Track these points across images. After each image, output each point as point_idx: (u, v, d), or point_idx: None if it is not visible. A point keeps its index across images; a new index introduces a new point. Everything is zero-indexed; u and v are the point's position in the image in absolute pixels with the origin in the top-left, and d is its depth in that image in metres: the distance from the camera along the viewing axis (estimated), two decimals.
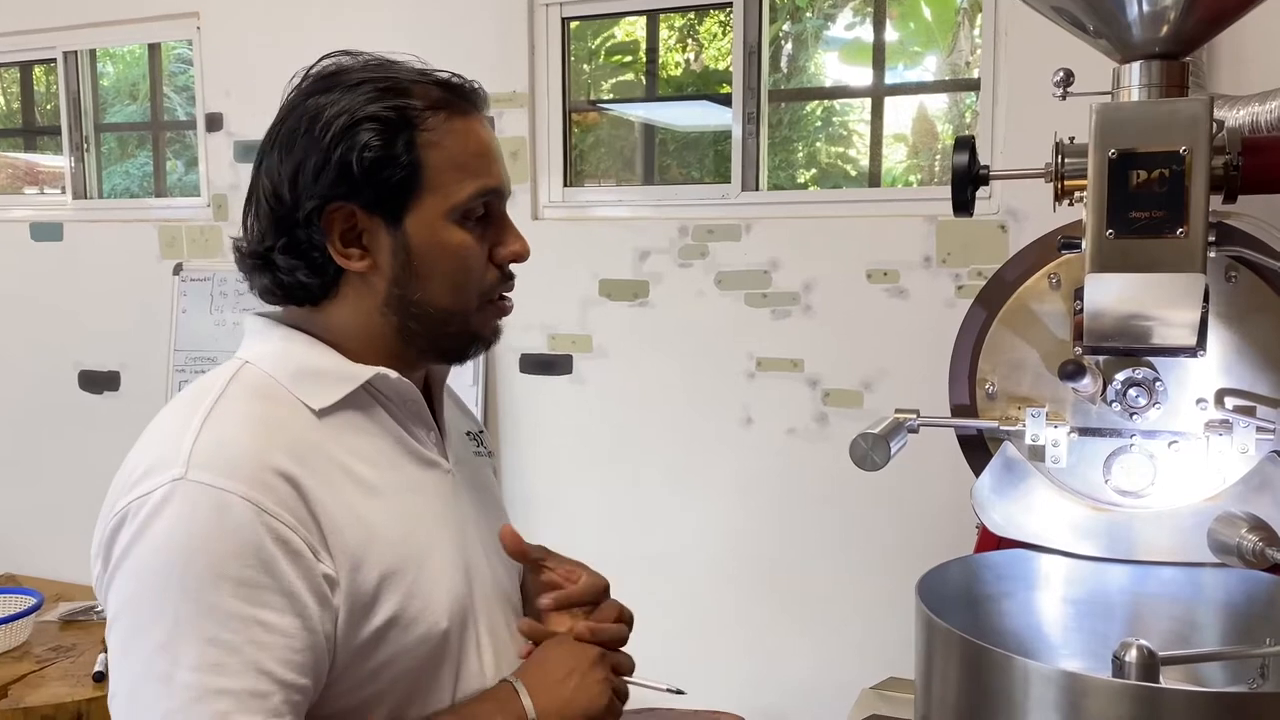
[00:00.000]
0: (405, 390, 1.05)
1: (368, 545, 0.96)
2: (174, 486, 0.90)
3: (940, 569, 1.44)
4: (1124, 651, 1.19)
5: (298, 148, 0.99)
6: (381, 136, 0.97)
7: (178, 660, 0.86)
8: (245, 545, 0.89)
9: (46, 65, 3.81)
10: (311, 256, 1.00)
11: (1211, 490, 1.45)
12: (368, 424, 1.02)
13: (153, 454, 0.94)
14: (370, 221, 0.99)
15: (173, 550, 0.88)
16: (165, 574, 0.88)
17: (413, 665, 0.99)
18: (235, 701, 0.86)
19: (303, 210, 0.98)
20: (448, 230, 1.02)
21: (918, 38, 3.18)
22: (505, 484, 3.01)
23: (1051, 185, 1.41)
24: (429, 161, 0.99)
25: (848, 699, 2.02)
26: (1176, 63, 1.34)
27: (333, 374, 1.01)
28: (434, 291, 1.02)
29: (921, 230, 2.52)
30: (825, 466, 2.62)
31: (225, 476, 0.90)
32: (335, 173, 0.97)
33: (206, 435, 0.93)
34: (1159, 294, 1.31)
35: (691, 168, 3.48)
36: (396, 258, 1.00)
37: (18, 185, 4.04)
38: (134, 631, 0.89)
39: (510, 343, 2.97)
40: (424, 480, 1.06)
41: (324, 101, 1.00)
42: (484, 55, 2.93)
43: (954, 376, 1.59)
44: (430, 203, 1.00)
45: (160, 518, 0.89)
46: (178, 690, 0.86)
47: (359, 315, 1.03)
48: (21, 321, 3.65)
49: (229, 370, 1.01)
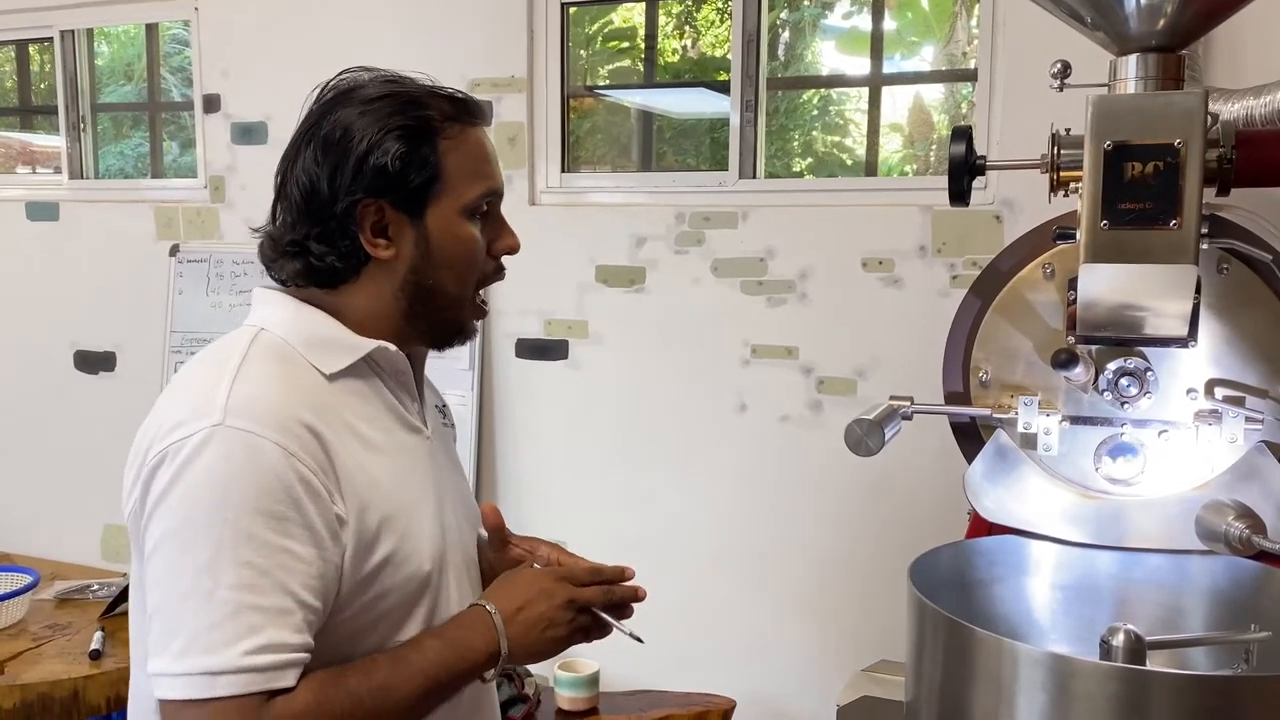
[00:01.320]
0: (399, 363, 1.19)
1: (371, 493, 1.10)
2: (213, 431, 1.03)
3: (932, 554, 1.46)
4: (1112, 636, 1.22)
5: (334, 152, 1.13)
6: (408, 143, 1.13)
7: (219, 579, 1.00)
8: (277, 483, 1.03)
9: (42, 45, 3.80)
10: (343, 245, 1.15)
11: (1200, 479, 1.47)
12: (367, 390, 1.17)
13: (187, 405, 1.06)
14: (396, 216, 1.14)
15: (215, 485, 1.01)
16: (209, 505, 1.01)
17: (400, 600, 1.14)
18: (265, 616, 1.01)
19: (340, 205, 1.13)
20: (460, 224, 1.17)
21: (915, 27, 3.19)
22: (500, 468, 3.03)
23: (1048, 176, 1.42)
24: (448, 165, 1.15)
25: (839, 681, 2.04)
26: (1173, 56, 1.36)
27: (341, 343, 1.15)
28: (445, 278, 1.18)
29: (917, 220, 2.54)
30: (818, 453, 2.64)
31: (259, 424, 1.04)
32: (371, 175, 1.12)
33: (239, 389, 1.06)
34: (1152, 285, 1.33)
35: (687, 155, 3.49)
36: (418, 248, 1.16)
37: (11, 165, 4.03)
38: (179, 554, 1.01)
39: (506, 328, 2.98)
40: (410, 443, 1.21)
41: (354, 113, 1.14)
42: (483, 40, 2.93)
43: (948, 364, 1.61)
44: (447, 200, 1.16)
45: (202, 457, 1.02)
46: (218, 605, 0.99)
47: (373, 297, 1.18)
48: (17, 301, 3.65)
49: (248, 335, 1.15)
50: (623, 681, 2.61)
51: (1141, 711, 1.14)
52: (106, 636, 2.55)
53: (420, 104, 1.15)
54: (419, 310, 1.18)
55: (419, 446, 1.22)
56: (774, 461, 2.72)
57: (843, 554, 2.66)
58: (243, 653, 0.99)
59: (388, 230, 1.15)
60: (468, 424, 2.99)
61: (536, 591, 1.18)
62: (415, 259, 1.16)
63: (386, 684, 1.07)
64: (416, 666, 1.10)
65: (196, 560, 1.01)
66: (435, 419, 1.31)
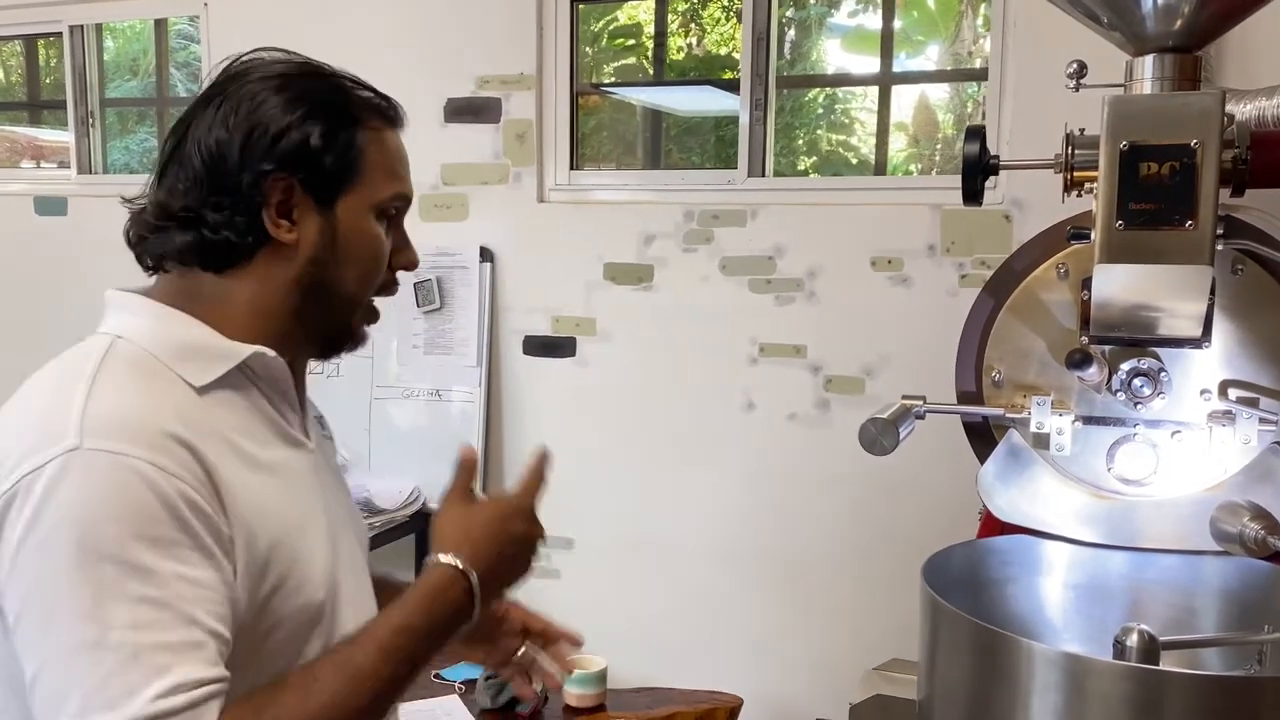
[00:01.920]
0: (278, 370, 1.08)
1: (257, 515, 0.98)
2: (70, 457, 0.89)
3: (944, 553, 1.46)
4: (1125, 636, 1.21)
5: (249, 119, 1.03)
6: (331, 124, 1.05)
7: (108, 624, 0.86)
8: (157, 505, 0.90)
9: (48, 39, 3.80)
10: (241, 220, 1.03)
11: (1213, 480, 1.47)
12: (243, 402, 1.05)
13: (31, 433, 0.92)
14: (305, 199, 1.05)
15: (83, 519, 0.88)
16: (79, 543, 0.87)
17: (291, 633, 1.02)
18: (172, 654, 0.87)
19: (247, 176, 1.03)
20: (370, 222, 1.09)
21: (920, 26, 3.19)
22: (507, 465, 3.03)
23: (1060, 176, 1.42)
24: (369, 156, 1.07)
25: (846, 679, 2.05)
26: (1189, 56, 1.36)
27: (211, 350, 1.03)
28: (346, 276, 1.08)
29: (926, 219, 2.54)
30: (826, 452, 2.64)
31: (125, 442, 0.90)
32: (287, 150, 1.03)
33: (95, 405, 0.93)
34: (1166, 285, 1.33)
35: (692, 152, 3.49)
36: (322, 237, 1.06)
37: (18, 159, 4.04)
38: (52, 609, 0.88)
39: (514, 325, 2.98)
40: (292, 459, 1.09)
41: (273, 85, 1.06)
42: (492, 37, 2.93)
43: (961, 364, 1.61)
44: (361, 193, 1.07)
45: (61, 489, 0.89)
46: (112, 652, 0.86)
47: (264, 287, 1.06)
48: (26, 295, 3.65)
49: (100, 345, 1.01)
50: (630, 678, 2.61)
51: (1156, 712, 1.14)
52: None
53: (344, 91, 1.08)
54: (312, 308, 1.08)
55: (302, 461, 1.10)
56: (781, 460, 2.72)
57: (850, 552, 2.66)
58: (152, 698, 0.85)
59: (293, 213, 1.05)
60: (475, 421, 2.99)
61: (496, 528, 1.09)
62: (317, 249, 1.06)
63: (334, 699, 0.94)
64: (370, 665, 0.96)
65: (78, 608, 0.86)
66: (315, 430, 1.19)
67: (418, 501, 3.01)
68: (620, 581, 2.88)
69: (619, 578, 2.89)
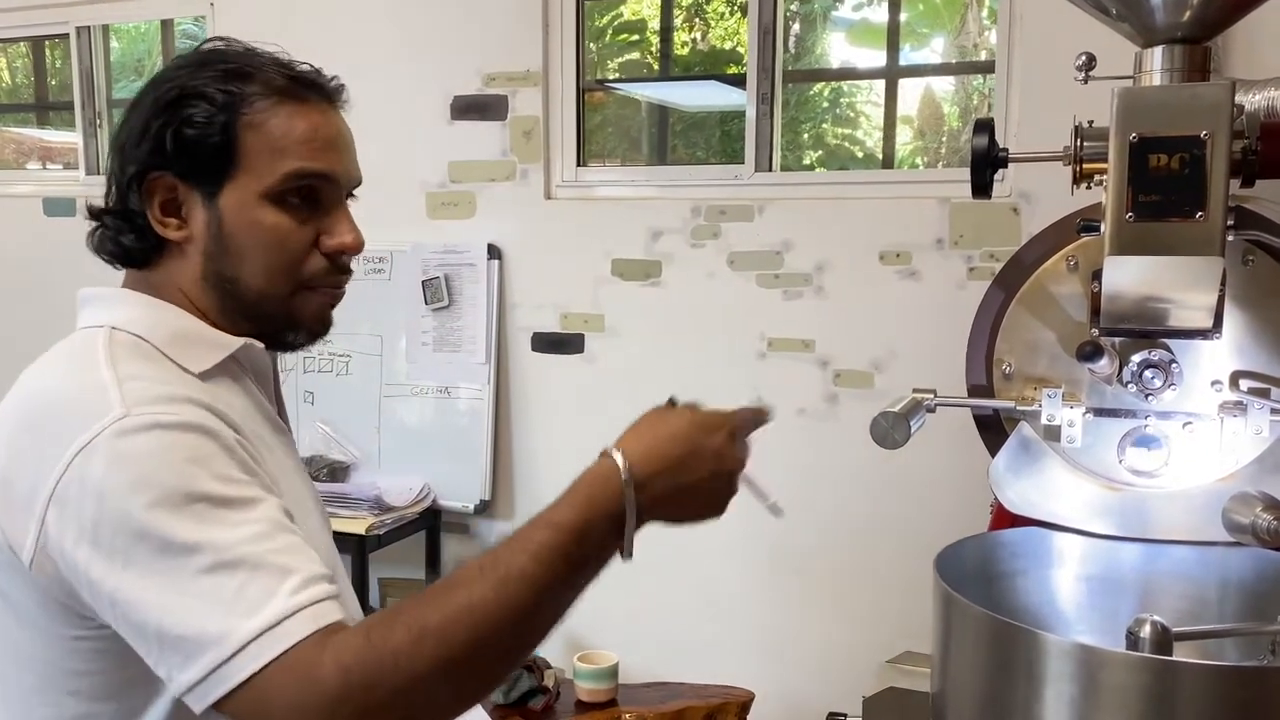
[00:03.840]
0: (262, 362, 1.10)
1: (274, 482, 0.99)
2: (122, 424, 0.89)
3: (956, 546, 1.46)
4: (1138, 627, 1.21)
5: (135, 115, 1.04)
6: (203, 114, 1.01)
7: (220, 547, 0.86)
8: (219, 449, 0.92)
9: (54, 41, 3.81)
10: (136, 220, 1.04)
11: (1225, 471, 1.47)
12: (236, 388, 1.06)
13: (64, 418, 0.92)
14: (188, 193, 1.03)
15: (158, 469, 0.88)
16: (162, 490, 0.87)
17: None
18: (291, 555, 0.89)
19: (130, 174, 1.03)
20: (261, 210, 1.03)
21: (925, 19, 3.19)
22: (516, 461, 3.04)
23: (1070, 168, 1.42)
24: (245, 142, 1.02)
25: (857, 673, 2.05)
26: (1199, 47, 1.35)
27: (205, 340, 1.04)
28: (247, 270, 1.04)
29: (934, 212, 2.54)
30: (835, 446, 2.64)
31: (172, 405, 0.92)
32: (153, 142, 1.01)
33: (128, 381, 0.93)
34: (1177, 277, 1.32)
35: (697, 148, 3.49)
36: (210, 231, 1.03)
37: (24, 161, 4.05)
38: (158, 555, 0.86)
39: (522, 321, 2.99)
40: (281, 443, 1.10)
41: (170, 76, 1.04)
42: (498, 34, 2.93)
43: (971, 357, 1.61)
44: (244, 182, 1.02)
45: (124, 451, 0.88)
46: (234, 568, 0.86)
47: (181, 284, 1.06)
48: (35, 296, 3.66)
49: (98, 336, 1.00)
50: (641, 673, 2.62)
51: (1170, 702, 1.14)
52: None
53: (240, 76, 1.02)
54: (227, 303, 1.05)
55: (288, 447, 1.12)
56: (790, 454, 2.72)
57: (860, 546, 2.67)
58: (289, 593, 0.86)
59: (180, 209, 1.03)
60: (483, 417, 3.00)
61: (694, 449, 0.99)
62: (209, 244, 1.03)
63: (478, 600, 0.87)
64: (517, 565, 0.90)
65: (181, 546, 0.86)
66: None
67: (427, 498, 3.02)
68: (631, 576, 2.88)
69: (630, 572, 2.89)
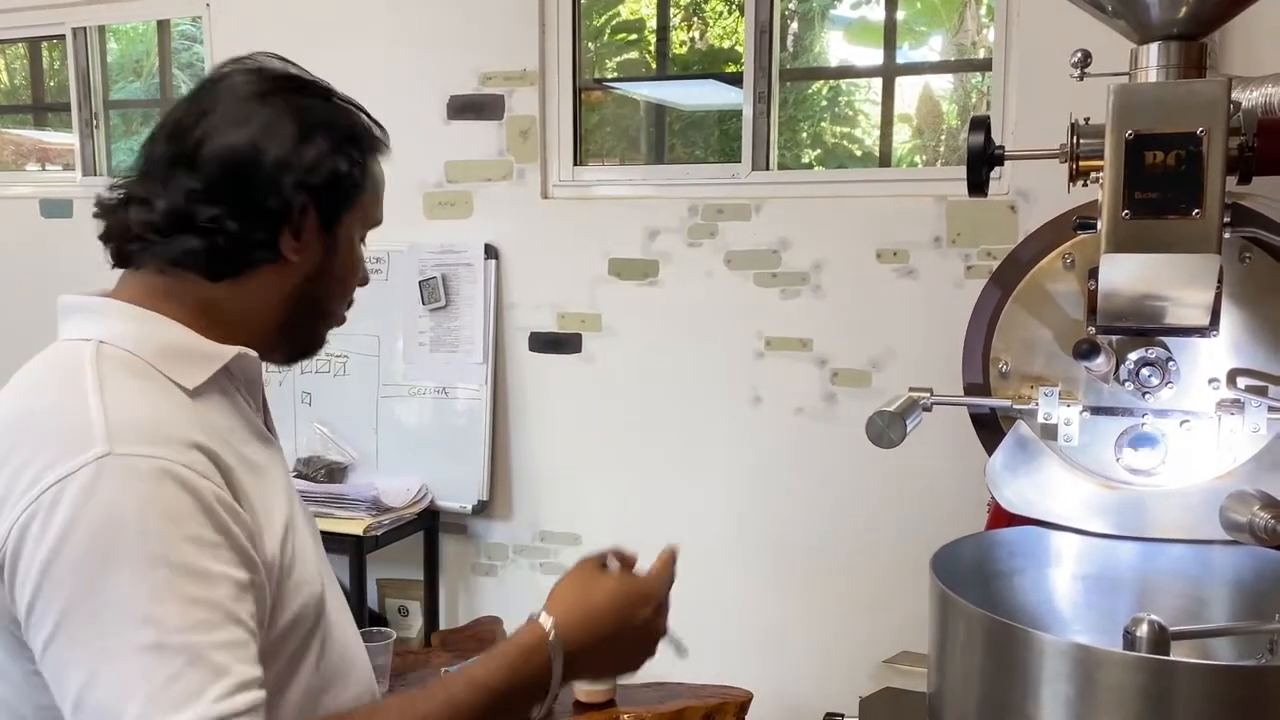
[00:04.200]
0: (254, 370, 1.09)
1: (264, 512, 0.98)
2: (103, 463, 0.87)
3: (953, 545, 1.46)
4: (1135, 626, 1.21)
5: (291, 134, 1.04)
6: (359, 151, 1.09)
7: (165, 626, 0.85)
8: (198, 508, 0.89)
9: (51, 42, 3.80)
10: (259, 234, 1.04)
11: (1222, 469, 1.47)
12: (226, 403, 1.05)
13: (47, 443, 0.90)
14: (313, 220, 1.07)
15: (128, 521, 0.86)
16: (127, 546, 0.85)
17: (303, 630, 1.02)
18: (228, 654, 0.86)
19: (277, 194, 1.03)
20: (356, 245, 1.14)
21: (923, 17, 3.18)
22: (514, 462, 3.03)
23: (1066, 166, 1.42)
24: (370, 183, 1.11)
25: (855, 672, 2.05)
26: (1195, 43, 1.35)
27: (197, 352, 1.02)
28: (334, 292, 1.13)
29: (931, 210, 2.53)
30: (833, 445, 2.64)
31: (157, 445, 0.90)
32: (322, 175, 1.05)
33: (115, 411, 0.91)
34: (1174, 274, 1.32)
35: (695, 147, 3.48)
36: (320, 256, 1.09)
37: (22, 162, 4.04)
38: (102, 614, 0.85)
39: (519, 321, 2.98)
40: (271, 457, 1.09)
41: (310, 104, 1.07)
42: (495, 32, 2.93)
43: (968, 355, 1.61)
44: (356, 215, 1.11)
45: (99, 494, 0.86)
46: (171, 655, 0.84)
47: (256, 298, 1.07)
48: (33, 297, 3.65)
49: (85, 351, 0.99)
50: (639, 674, 2.61)
51: (1167, 702, 1.14)
52: None
53: (357, 116, 1.11)
54: (297, 320, 1.10)
55: (276, 459, 1.11)
56: (788, 454, 2.72)
57: (858, 546, 2.66)
58: (215, 698, 0.84)
59: (301, 233, 1.06)
60: (481, 418, 2.99)
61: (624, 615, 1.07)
62: (313, 267, 1.08)
63: None
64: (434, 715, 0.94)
65: (133, 611, 0.84)
66: None
67: (425, 499, 3.01)
68: None
69: None
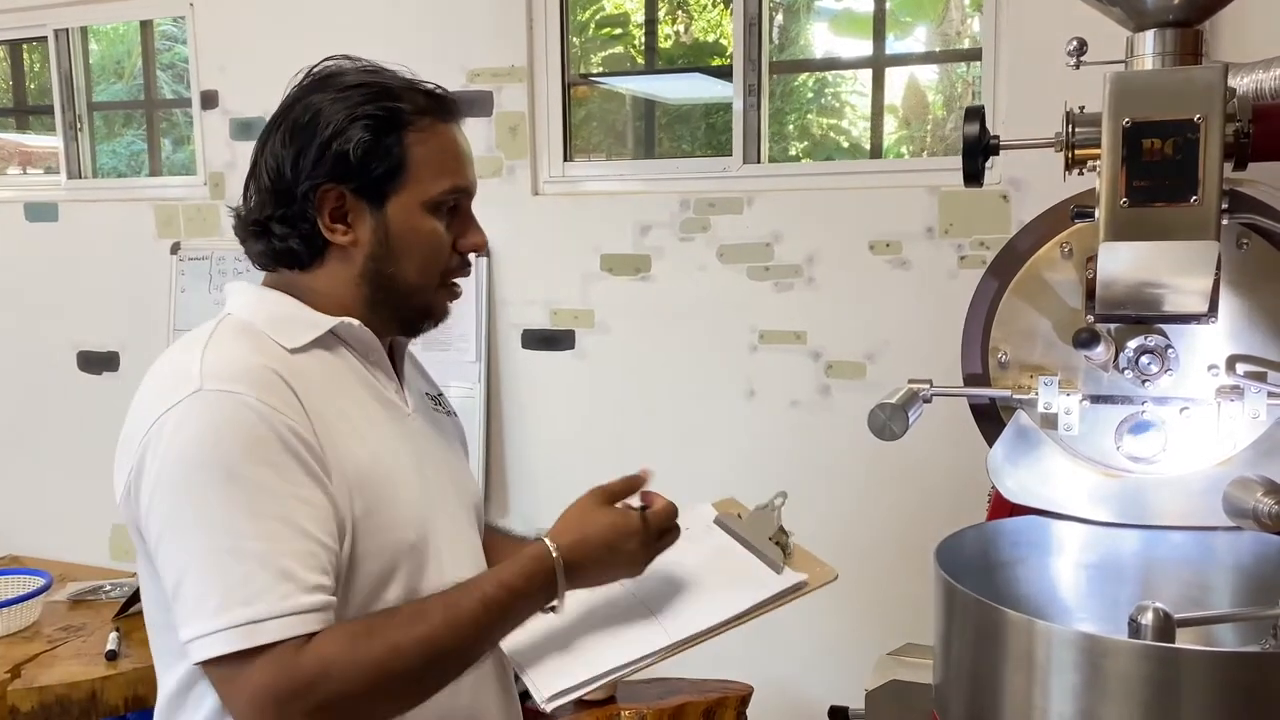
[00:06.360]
0: (368, 339, 1.22)
1: (345, 456, 1.12)
2: (194, 397, 1.06)
3: (956, 536, 1.45)
4: (1140, 614, 1.21)
5: (301, 136, 1.16)
6: (373, 133, 1.15)
7: (241, 534, 1.02)
8: (270, 434, 1.05)
9: (32, 44, 3.77)
10: (303, 228, 1.18)
11: (1222, 455, 1.46)
12: (337, 363, 1.20)
13: (164, 386, 1.09)
14: (356, 203, 1.17)
15: (209, 444, 1.04)
16: (209, 466, 1.03)
17: (379, 569, 1.15)
18: (295, 561, 1.03)
19: (300, 189, 1.16)
20: (421, 218, 1.19)
21: (908, 7, 3.17)
22: (508, 459, 3.02)
23: (1061, 155, 1.41)
24: (413, 157, 1.17)
25: (864, 665, 2.04)
26: (1190, 30, 1.34)
27: (302, 320, 1.19)
28: (405, 268, 1.20)
29: (923, 201, 2.53)
30: (828, 438, 2.64)
31: (238, 383, 1.07)
32: (332, 161, 1.15)
33: (210, 358, 1.10)
34: (1172, 261, 1.32)
35: (682, 140, 3.47)
36: (376, 235, 1.18)
37: (5, 166, 4.01)
38: (192, 523, 1.03)
39: (512, 318, 2.97)
40: (385, 417, 1.22)
41: (327, 98, 1.17)
42: (482, 29, 2.91)
43: (966, 346, 1.61)
44: (410, 192, 1.18)
45: (189, 422, 1.05)
46: (247, 559, 1.01)
47: (337, 282, 1.21)
48: (19, 303, 3.63)
49: (218, 321, 1.19)
50: (639, 674, 2.61)
51: (1173, 689, 1.14)
52: (122, 637, 2.54)
53: (393, 95, 1.17)
54: (381, 297, 1.21)
55: (396, 421, 1.24)
56: (784, 447, 2.72)
57: (855, 538, 2.66)
58: (281, 596, 1.02)
59: (347, 216, 1.18)
60: (475, 416, 2.98)
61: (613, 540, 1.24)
62: (373, 247, 1.19)
63: (435, 631, 1.07)
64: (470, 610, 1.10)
65: (212, 522, 1.03)
66: (425, 404, 1.35)
67: None
68: None
69: None
